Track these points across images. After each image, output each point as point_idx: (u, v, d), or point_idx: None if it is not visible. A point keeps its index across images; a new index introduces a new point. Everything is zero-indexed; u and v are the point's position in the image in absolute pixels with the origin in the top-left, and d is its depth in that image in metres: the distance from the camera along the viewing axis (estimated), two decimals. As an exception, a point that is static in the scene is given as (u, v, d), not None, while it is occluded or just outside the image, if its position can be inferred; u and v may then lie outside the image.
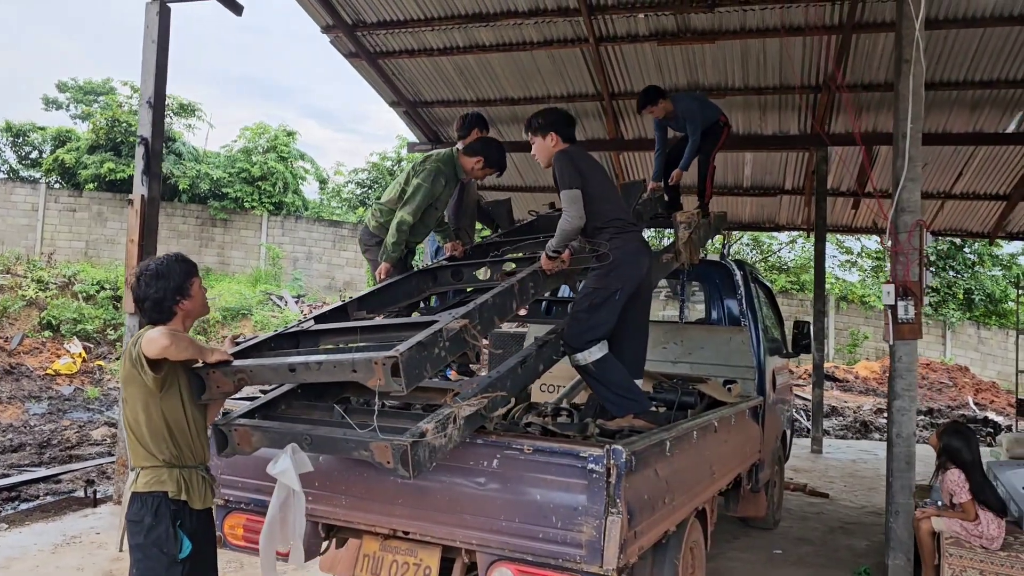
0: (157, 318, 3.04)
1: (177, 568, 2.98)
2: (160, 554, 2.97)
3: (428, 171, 4.91)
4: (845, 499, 8.14)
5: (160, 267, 3.09)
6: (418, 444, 2.80)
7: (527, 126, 4.29)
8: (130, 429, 3.03)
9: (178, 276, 3.09)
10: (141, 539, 2.98)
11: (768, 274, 22.57)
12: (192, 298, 3.11)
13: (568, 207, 3.94)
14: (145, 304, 3.06)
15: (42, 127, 23.73)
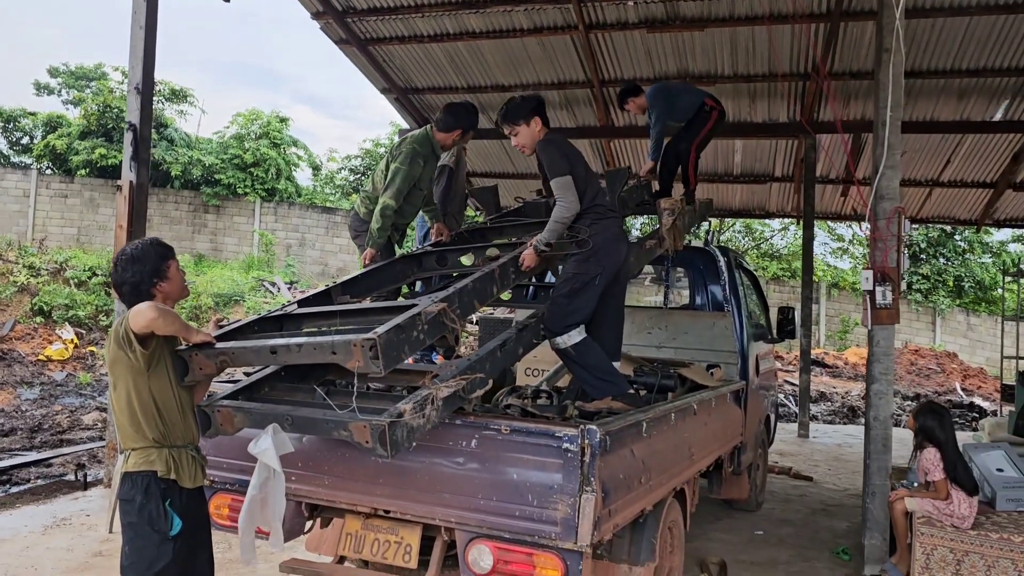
0: (133, 301, 3.09)
1: (168, 545, 3.02)
2: (151, 532, 3.01)
3: (405, 154, 4.94)
4: (829, 482, 8.25)
5: (135, 251, 3.12)
6: (396, 424, 2.86)
7: (505, 116, 4.23)
8: (119, 411, 3.08)
9: (154, 259, 3.12)
10: (133, 518, 3.03)
11: (760, 261, 22.67)
12: (169, 280, 3.15)
13: (563, 195, 3.98)
14: (123, 288, 3.10)
15: (33, 113, 23.66)
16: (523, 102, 4.25)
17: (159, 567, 2.99)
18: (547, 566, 3.10)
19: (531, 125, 4.20)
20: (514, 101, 4.29)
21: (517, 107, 4.23)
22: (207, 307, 17.85)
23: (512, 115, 4.22)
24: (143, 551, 3.02)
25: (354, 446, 2.99)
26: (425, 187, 5.18)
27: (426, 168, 5.08)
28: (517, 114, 4.21)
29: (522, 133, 4.22)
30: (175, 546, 3.03)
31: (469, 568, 3.21)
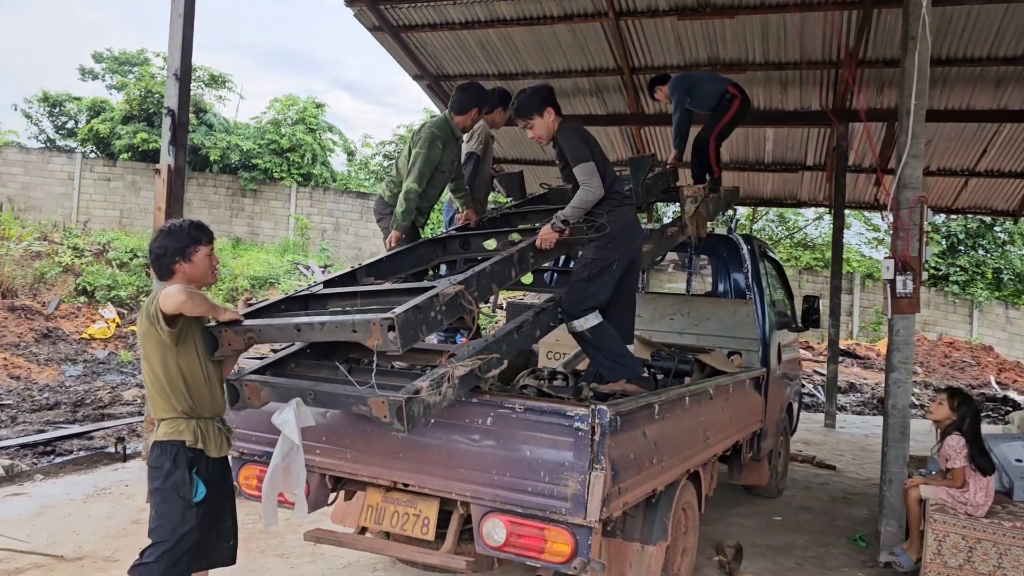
0: (159, 273, 3.26)
1: (192, 511, 3.21)
2: (177, 497, 3.20)
3: (424, 138, 5.01)
4: (852, 471, 8.26)
5: (173, 227, 3.30)
6: (412, 400, 2.99)
7: (517, 111, 4.27)
8: (149, 382, 3.26)
9: (184, 239, 3.26)
10: (160, 483, 3.22)
11: (793, 251, 22.46)
12: (192, 264, 3.27)
13: (589, 180, 4.07)
14: (150, 256, 3.29)
15: (78, 97, 24.20)
16: (534, 94, 4.28)
17: (183, 531, 3.17)
18: (558, 540, 3.22)
19: (544, 116, 4.24)
20: (525, 94, 4.31)
21: (528, 100, 4.26)
22: (243, 289, 18.22)
23: (524, 109, 4.26)
24: (168, 515, 3.19)
25: (374, 421, 3.13)
26: (447, 169, 5.22)
27: (446, 151, 5.11)
28: (530, 107, 4.25)
29: (537, 125, 4.26)
30: (198, 512, 3.21)
31: (483, 541, 3.34)
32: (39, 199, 20.99)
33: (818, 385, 14.19)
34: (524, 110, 4.25)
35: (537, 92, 4.29)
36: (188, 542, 3.19)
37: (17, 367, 11.79)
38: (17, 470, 6.38)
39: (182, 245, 3.26)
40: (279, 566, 4.66)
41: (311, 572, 4.60)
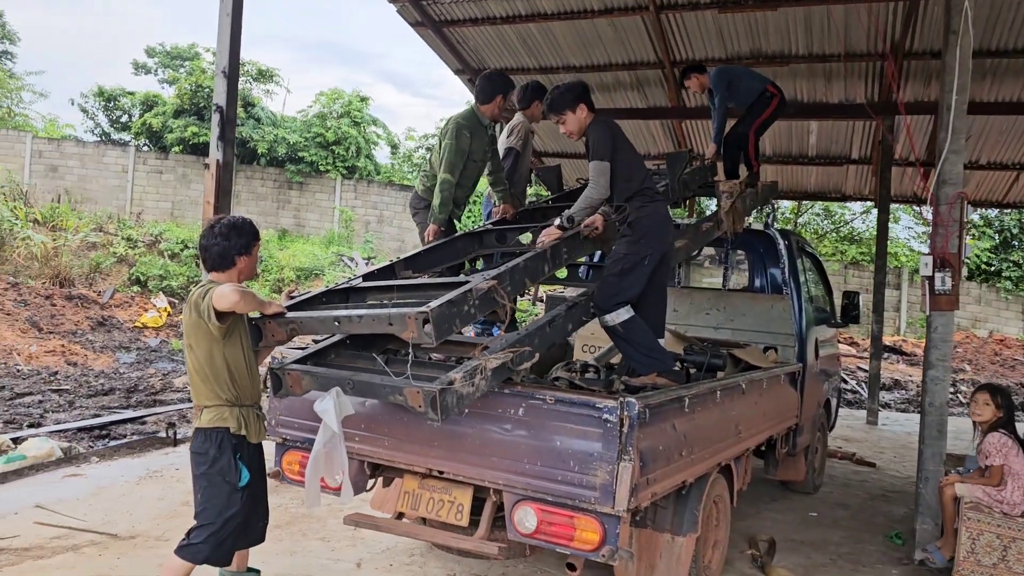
0: (219, 265, 3.42)
1: (237, 495, 3.38)
2: (223, 482, 3.37)
3: (451, 130, 5.10)
4: (892, 469, 8.19)
5: (237, 222, 3.48)
6: (446, 391, 3.10)
7: (551, 106, 4.33)
8: (195, 371, 3.42)
9: (248, 235, 3.49)
10: (205, 468, 3.39)
11: (839, 245, 22.10)
12: (250, 257, 3.50)
13: (597, 178, 4.15)
14: (212, 251, 3.43)
15: (131, 92, 24.85)
16: (567, 90, 4.33)
17: (228, 514, 3.34)
18: (587, 528, 3.31)
19: (577, 112, 4.29)
20: (558, 90, 4.36)
21: (561, 96, 4.32)
22: (289, 280, 18.60)
23: (557, 104, 4.32)
24: (215, 499, 3.36)
25: (410, 411, 3.25)
26: (479, 159, 5.27)
27: (475, 140, 5.16)
28: (562, 103, 4.30)
29: (569, 120, 4.32)
30: (242, 496, 3.39)
31: (515, 528, 3.44)
32: (95, 191, 21.65)
33: (861, 381, 14.01)
34: (557, 105, 4.32)
35: (570, 88, 4.34)
36: (233, 524, 3.37)
37: (74, 354, 12.24)
38: (75, 452, 6.67)
39: (247, 241, 3.48)
40: (320, 548, 4.83)
41: (351, 555, 4.75)
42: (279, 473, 4.14)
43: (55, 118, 27.17)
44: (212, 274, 3.50)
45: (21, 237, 17.57)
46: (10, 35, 29.79)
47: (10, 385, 9.65)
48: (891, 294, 20.25)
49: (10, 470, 5.97)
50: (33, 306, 14.37)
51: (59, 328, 13.90)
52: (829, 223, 23.04)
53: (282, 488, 5.56)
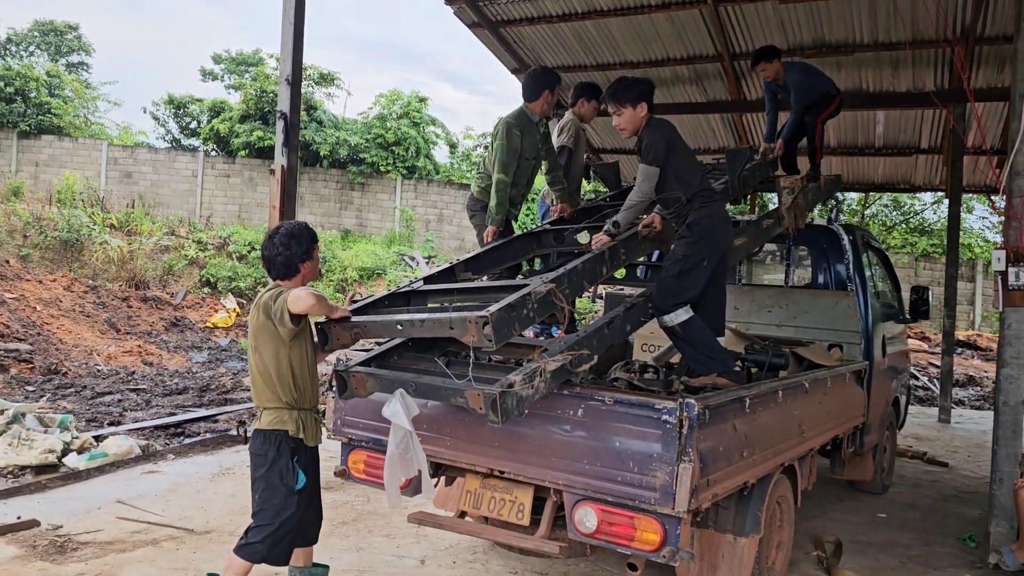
0: (284, 273, 3.52)
1: (294, 498, 3.47)
2: (281, 484, 3.45)
3: (500, 131, 5.14)
4: (966, 469, 7.95)
5: (294, 229, 3.57)
6: (506, 394, 3.16)
7: (612, 96, 4.21)
8: (258, 373, 3.51)
9: (307, 240, 3.58)
10: (264, 470, 3.47)
11: (909, 237, 21.46)
12: (313, 260, 3.60)
13: (644, 182, 4.12)
14: (277, 260, 3.53)
15: (199, 99, 25.65)
16: (633, 84, 4.24)
17: (285, 515, 3.43)
18: (647, 529, 3.32)
19: (636, 109, 4.21)
20: (624, 81, 4.27)
21: (626, 88, 4.22)
22: (352, 280, 18.96)
23: (620, 95, 4.21)
24: (273, 499, 3.45)
25: (471, 412, 3.31)
26: (531, 156, 5.28)
27: (525, 138, 5.17)
28: (625, 95, 4.20)
29: (626, 115, 4.22)
30: (299, 499, 3.47)
31: (576, 528, 3.47)
32: (166, 196, 22.42)
33: (933, 378, 13.60)
34: (619, 97, 4.21)
35: (637, 83, 4.25)
36: (289, 525, 3.46)
37: (150, 354, 12.72)
38: (152, 450, 6.95)
39: (308, 246, 3.57)
40: (385, 545, 4.95)
41: (415, 552, 4.85)
42: (345, 472, 4.25)
43: (128, 126, 28.34)
44: (278, 281, 3.60)
45: (99, 242, 18.32)
46: (86, 47, 31.07)
47: (91, 384, 10.09)
48: (965, 287, 19.59)
49: (93, 467, 6.26)
50: (111, 308, 14.97)
51: (135, 329, 14.46)
52: (898, 214, 22.40)
53: (348, 486, 5.71)
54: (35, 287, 14.33)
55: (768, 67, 6.55)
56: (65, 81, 25.90)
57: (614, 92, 4.25)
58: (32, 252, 17.73)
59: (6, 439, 6.39)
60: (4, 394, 8.91)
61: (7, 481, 5.99)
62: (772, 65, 6.55)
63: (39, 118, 22.95)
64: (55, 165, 22.55)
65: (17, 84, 22.63)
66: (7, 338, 11.39)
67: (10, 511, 5.19)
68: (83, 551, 4.63)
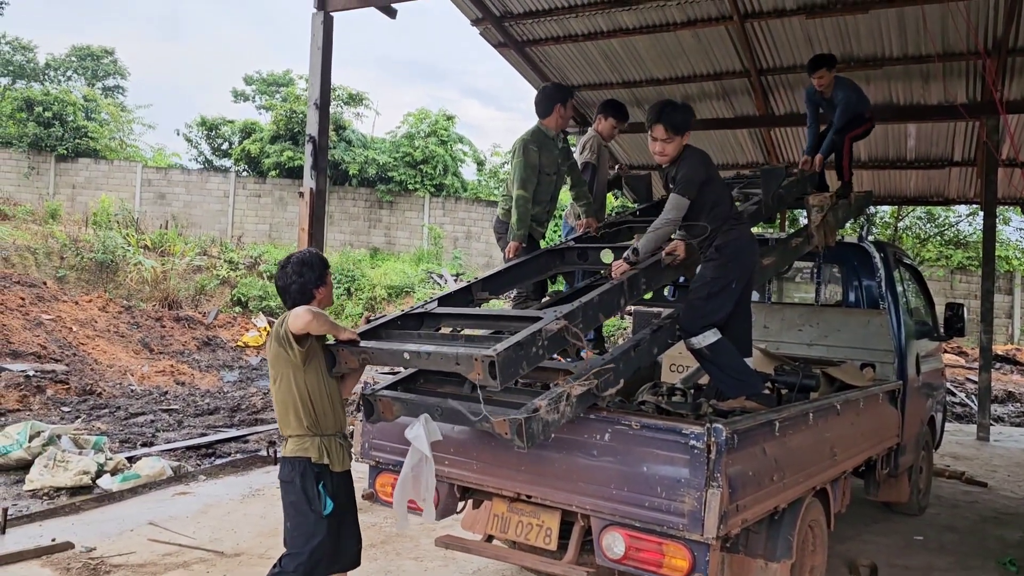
0: (300, 301, 3.52)
1: (323, 523, 3.45)
2: (309, 511, 3.45)
3: (517, 148, 5.12)
4: (1006, 489, 7.75)
5: (306, 257, 3.59)
6: (531, 419, 3.14)
7: (666, 121, 4.08)
8: (279, 402, 3.53)
9: (319, 267, 3.59)
10: (294, 497, 3.48)
11: (944, 249, 21.10)
12: (327, 286, 3.61)
13: (672, 210, 4.06)
14: (291, 288, 3.54)
15: (231, 120, 26.10)
16: (685, 111, 4.16)
17: (315, 542, 3.43)
18: (676, 555, 3.28)
19: (683, 138, 4.16)
20: (675, 107, 4.15)
21: (683, 116, 4.12)
22: (381, 298, 19.07)
23: (672, 121, 4.09)
24: (302, 527, 3.45)
25: (497, 437, 3.29)
26: (552, 172, 5.24)
27: (543, 154, 5.13)
28: (676, 122, 4.09)
29: (676, 144, 4.14)
30: (328, 524, 3.45)
31: (603, 553, 3.44)
32: (199, 216, 22.78)
33: (970, 394, 13.32)
34: (671, 122, 4.08)
35: (687, 110, 4.18)
36: (320, 552, 3.45)
37: (182, 373, 12.88)
38: (183, 471, 7.02)
39: (320, 272, 3.58)
40: (413, 568, 4.94)
41: (443, 575, 4.84)
42: (373, 495, 4.26)
43: (162, 148, 28.91)
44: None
45: (133, 262, 18.64)
46: (121, 71, 31.79)
47: (125, 405, 10.24)
48: (1002, 300, 19.20)
49: (126, 488, 6.33)
50: (144, 328, 15.20)
51: (168, 349, 14.66)
52: (932, 227, 22.05)
53: (376, 508, 5.69)
54: (71, 308, 14.60)
55: (826, 75, 6.45)
56: (101, 105, 26.50)
57: (667, 117, 4.09)
58: (68, 273, 18.09)
59: (42, 461, 6.49)
60: (40, 415, 9.07)
61: (43, 503, 6.09)
62: (830, 74, 6.46)
63: (76, 141, 23.47)
64: (91, 187, 23.04)
65: (55, 108, 23.20)
66: (44, 359, 11.61)
67: (45, 533, 5.26)
68: (116, 574, 4.68)
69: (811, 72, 6.55)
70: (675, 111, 4.13)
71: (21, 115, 23.21)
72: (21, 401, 9.58)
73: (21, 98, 23.62)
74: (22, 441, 6.82)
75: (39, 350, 11.79)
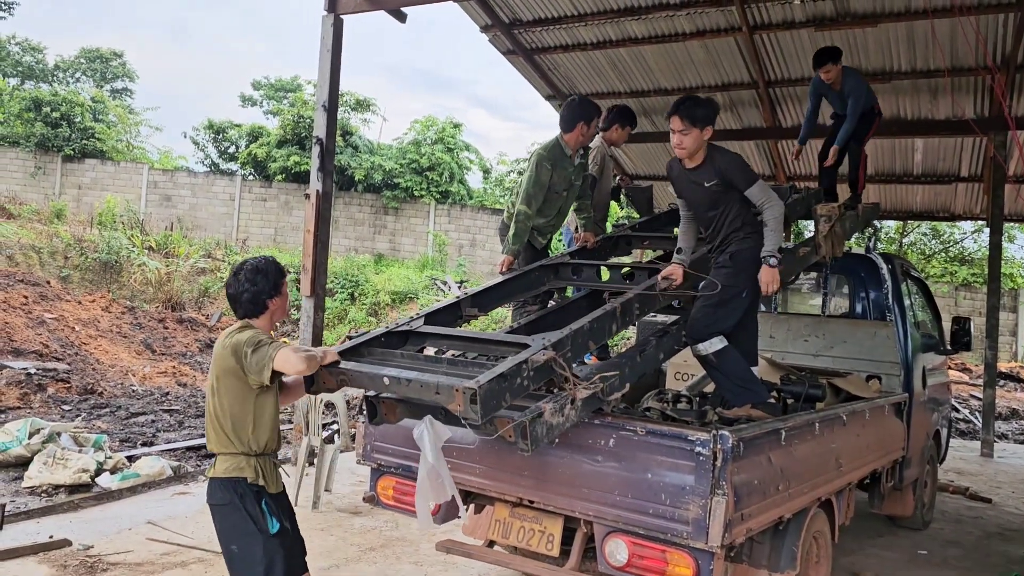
0: (252, 311, 3.30)
1: (273, 542, 3.18)
2: (256, 531, 3.17)
3: (532, 162, 5.01)
4: (1010, 505, 7.70)
5: (260, 264, 3.33)
6: (536, 422, 3.11)
7: (686, 113, 4.08)
8: (214, 416, 3.23)
9: (274, 274, 3.33)
10: (235, 519, 3.18)
11: (949, 266, 21.05)
12: (282, 296, 3.36)
13: (768, 195, 4.13)
14: (243, 297, 3.28)
15: (238, 124, 26.14)
16: (707, 104, 4.17)
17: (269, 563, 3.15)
18: (679, 564, 3.25)
19: (704, 132, 4.15)
20: (696, 100, 4.17)
21: (705, 109, 4.14)
22: (385, 304, 19.04)
23: (693, 113, 4.09)
24: (252, 550, 3.16)
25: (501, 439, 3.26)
26: (563, 190, 5.15)
27: (556, 172, 5.02)
28: (698, 115, 4.10)
29: (694, 136, 4.13)
30: (276, 543, 3.19)
31: (606, 560, 3.41)
32: (204, 219, 22.80)
33: (974, 410, 13.26)
34: (692, 115, 4.09)
35: (709, 104, 4.19)
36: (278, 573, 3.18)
37: (184, 375, 12.86)
38: (183, 471, 6.99)
39: (275, 281, 3.33)
40: (413, 572, 4.90)
41: (442, 580, 4.80)
42: (374, 498, 4.22)
43: (169, 150, 28.98)
44: (248, 319, 3.35)
45: (137, 263, 18.64)
46: (130, 73, 31.93)
47: (126, 405, 10.21)
48: (1007, 317, 19.13)
49: (126, 487, 6.30)
50: (147, 329, 15.18)
51: (171, 350, 14.63)
52: (937, 243, 22.01)
53: (376, 512, 5.69)
54: (74, 308, 14.59)
55: (833, 68, 6.39)
56: (109, 107, 26.56)
57: (687, 109, 4.10)
58: (72, 273, 18.09)
59: (41, 458, 6.46)
60: (41, 413, 9.05)
61: (41, 500, 6.05)
62: (836, 67, 6.40)
63: (83, 142, 23.52)
64: (97, 188, 23.08)
65: (63, 109, 23.26)
66: (46, 358, 11.59)
67: (43, 530, 5.23)
68: (113, 572, 4.65)
69: (817, 67, 6.46)
70: (695, 104, 4.15)
71: (29, 115, 23.26)
72: (22, 399, 9.55)
73: (29, 98, 23.68)
74: (22, 438, 6.80)
75: (41, 348, 11.77)
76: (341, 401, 6.61)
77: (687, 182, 4.34)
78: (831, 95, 6.59)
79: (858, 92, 6.34)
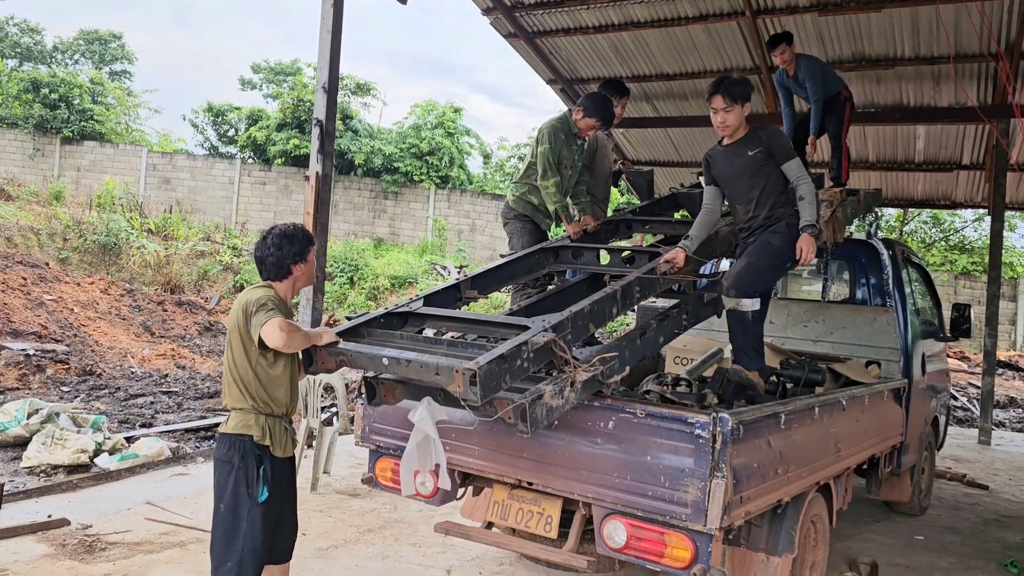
0: (275, 275, 3.35)
1: (257, 510, 3.21)
2: (245, 495, 3.20)
3: (545, 132, 5.13)
4: (1007, 492, 7.72)
5: (288, 230, 3.39)
6: (535, 403, 3.10)
7: (728, 91, 4.20)
8: (228, 370, 3.31)
9: (302, 241, 3.39)
10: (231, 478, 3.22)
11: (949, 254, 21.04)
12: (307, 263, 3.41)
13: (804, 173, 4.25)
14: (268, 261, 3.34)
15: (238, 107, 26.04)
16: (745, 82, 4.31)
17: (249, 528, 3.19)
18: (678, 545, 3.24)
19: (744, 109, 4.29)
20: (735, 79, 4.28)
21: (745, 87, 4.28)
22: (384, 288, 19.03)
23: (735, 91, 4.22)
24: (237, 512, 3.20)
25: (500, 421, 3.25)
26: (568, 166, 5.28)
27: (567, 145, 5.21)
28: (746, 94, 4.27)
29: (736, 112, 4.26)
30: (262, 511, 3.22)
31: (604, 542, 3.40)
32: (203, 202, 22.74)
33: (972, 398, 13.28)
34: (734, 92, 4.22)
35: (749, 83, 4.34)
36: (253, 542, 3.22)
37: (183, 357, 12.86)
38: (182, 452, 6.99)
39: (302, 248, 3.39)
40: (411, 554, 4.91)
41: (441, 562, 4.81)
42: (372, 479, 4.22)
43: (168, 133, 28.84)
44: (270, 281, 3.41)
45: (136, 246, 18.61)
46: (129, 55, 31.76)
47: (125, 386, 10.21)
48: (1007, 306, 19.15)
49: (124, 468, 6.30)
50: (146, 311, 15.16)
51: (169, 332, 14.62)
52: (938, 231, 21.98)
53: (375, 493, 5.70)
54: (73, 289, 14.57)
55: (787, 51, 6.54)
56: (108, 88, 26.46)
57: (727, 87, 4.21)
58: (71, 255, 18.06)
59: (40, 438, 6.46)
60: (40, 394, 9.05)
61: (39, 480, 6.06)
62: (790, 49, 6.55)
63: (82, 124, 23.43)
64: (96, 170, 23.01)
65: (62, 91, 23.15)
66: (45, 339, 11.58)
67: (41, 509, 5.24)
68: (111, 551, 4.66)
69: (771, 49, 6.66)
70: (733, 83, 4.26)
71: (27, 96, 23.15)
72: (20, 379, 9.55)
73: (28, 79, 23.56)
74: (20, 418, 6.79)
75: (40, 330, 11.75)
76: (340, 383, 6.60)
77: (727, 159, 4.41)
78: (793, 85, 6.67)
79: (812, 75, 6.43)
